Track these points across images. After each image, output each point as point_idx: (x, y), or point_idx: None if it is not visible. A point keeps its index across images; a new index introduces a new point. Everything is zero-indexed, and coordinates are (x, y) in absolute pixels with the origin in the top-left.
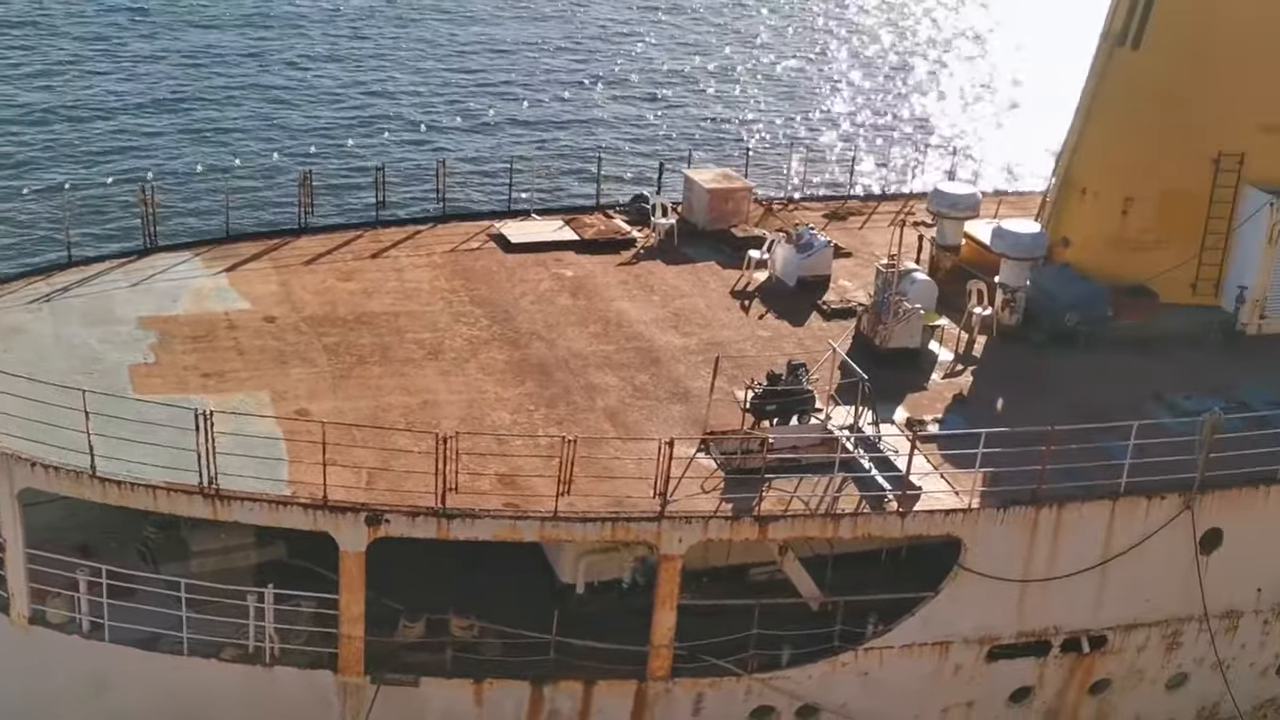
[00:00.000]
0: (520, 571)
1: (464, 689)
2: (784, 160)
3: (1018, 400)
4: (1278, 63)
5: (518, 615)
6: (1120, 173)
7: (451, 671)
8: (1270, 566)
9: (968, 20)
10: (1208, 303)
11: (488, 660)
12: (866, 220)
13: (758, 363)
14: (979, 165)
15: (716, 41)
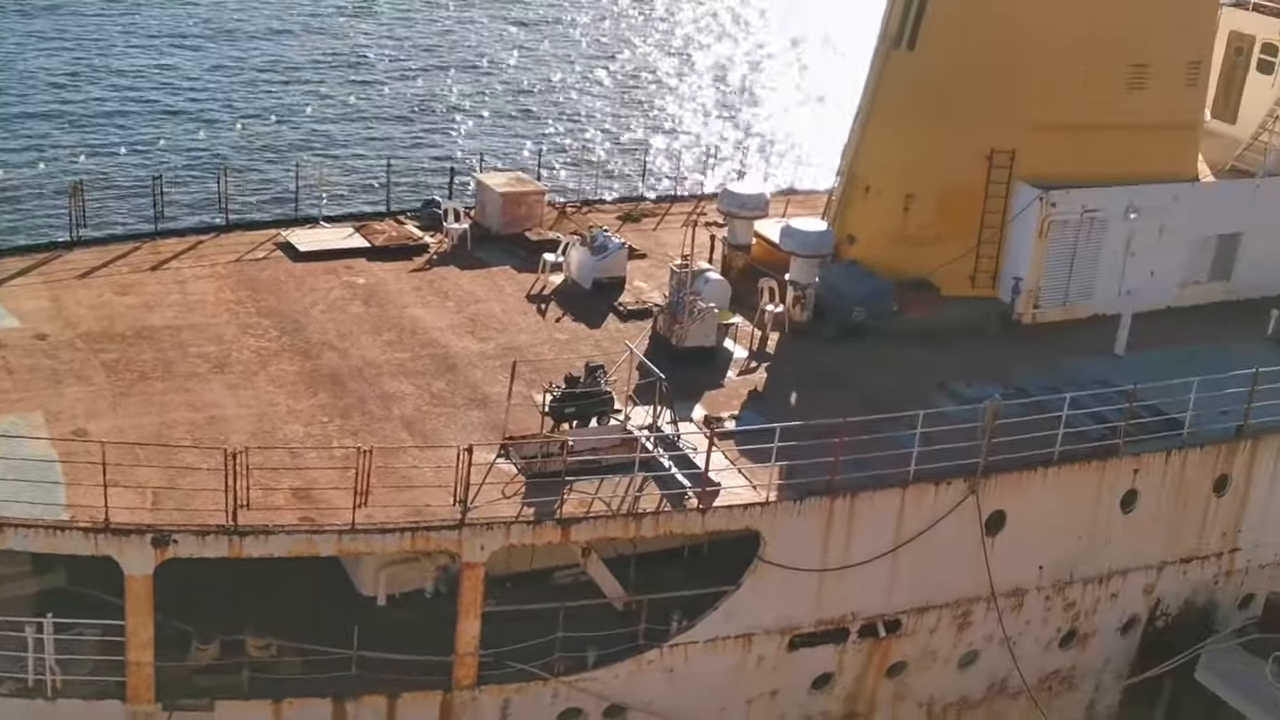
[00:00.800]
0: (320, 586)
1: (262, 710)
2: (577, 163)
3: (811, 394)
4: (1044, 63)
5: (318, 631)
6: (900, 171)
7: (249, 693)
8: (1050, 545)
9: (755, 24)
10: (986, 294)
11: (287, 679)
12: (660, 222)
13: (555, 366)
14: (768, 165)
15: (506, 46)
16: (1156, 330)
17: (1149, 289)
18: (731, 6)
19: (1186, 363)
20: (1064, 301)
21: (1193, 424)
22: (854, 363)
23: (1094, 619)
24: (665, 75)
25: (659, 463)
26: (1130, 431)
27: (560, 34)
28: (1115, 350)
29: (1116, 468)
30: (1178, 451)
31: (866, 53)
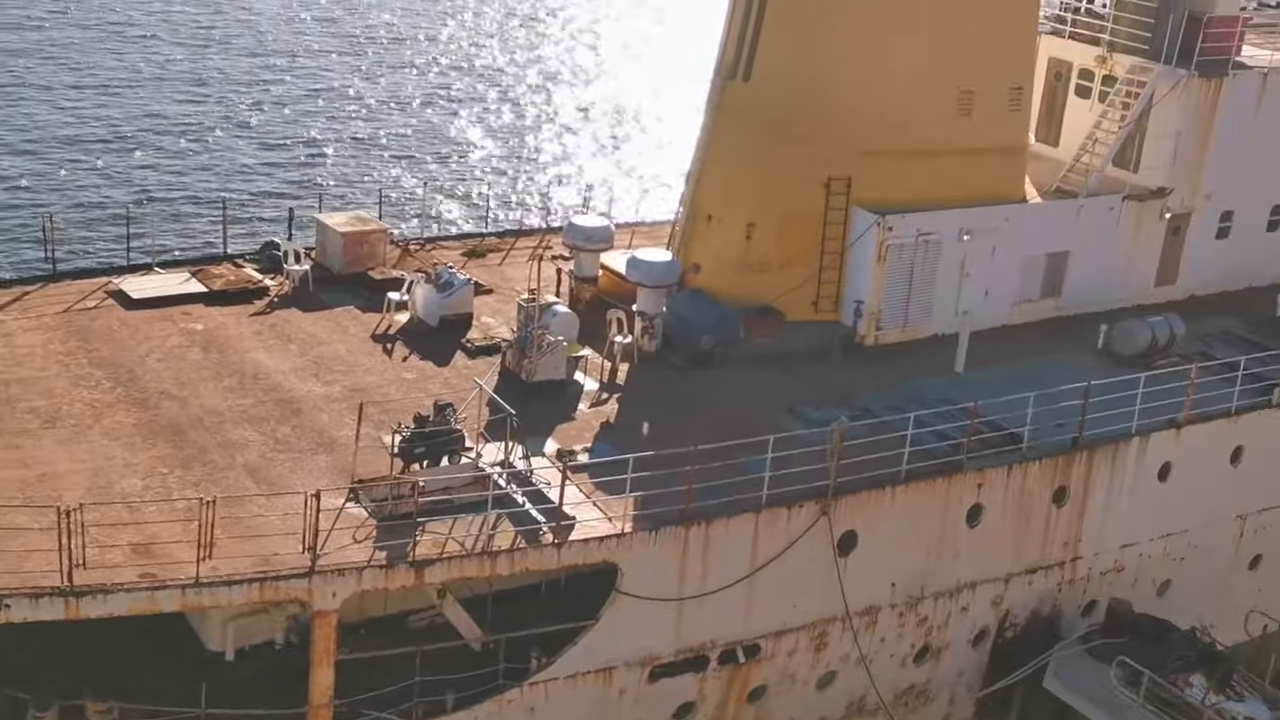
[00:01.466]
0: (164, 644)
1: None
2: (420, 200)
3: (663, 423)
4: (875, 92)
5: (163, 691)
6: (741, 199)
7: None
8: (901, 562)
9: (597, 57)
10: (829, 318)
11: None
12: (505, 257)
13: (404, 406)
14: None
15: (343, 84)
16: (993, 348)
17: (984, 308)
18: (575, 40)
19: (1023, 379)
20: (904, 323)
21: (1031, 438)
22: (704, 390)
23: (946, 633)
24: (507, 110)
25: (512, 499)
26: (973, 447)
27: (398, 70)
28: (955, 369)
29: (961, 483)
30: (1018, 465)
31: (704, 84)
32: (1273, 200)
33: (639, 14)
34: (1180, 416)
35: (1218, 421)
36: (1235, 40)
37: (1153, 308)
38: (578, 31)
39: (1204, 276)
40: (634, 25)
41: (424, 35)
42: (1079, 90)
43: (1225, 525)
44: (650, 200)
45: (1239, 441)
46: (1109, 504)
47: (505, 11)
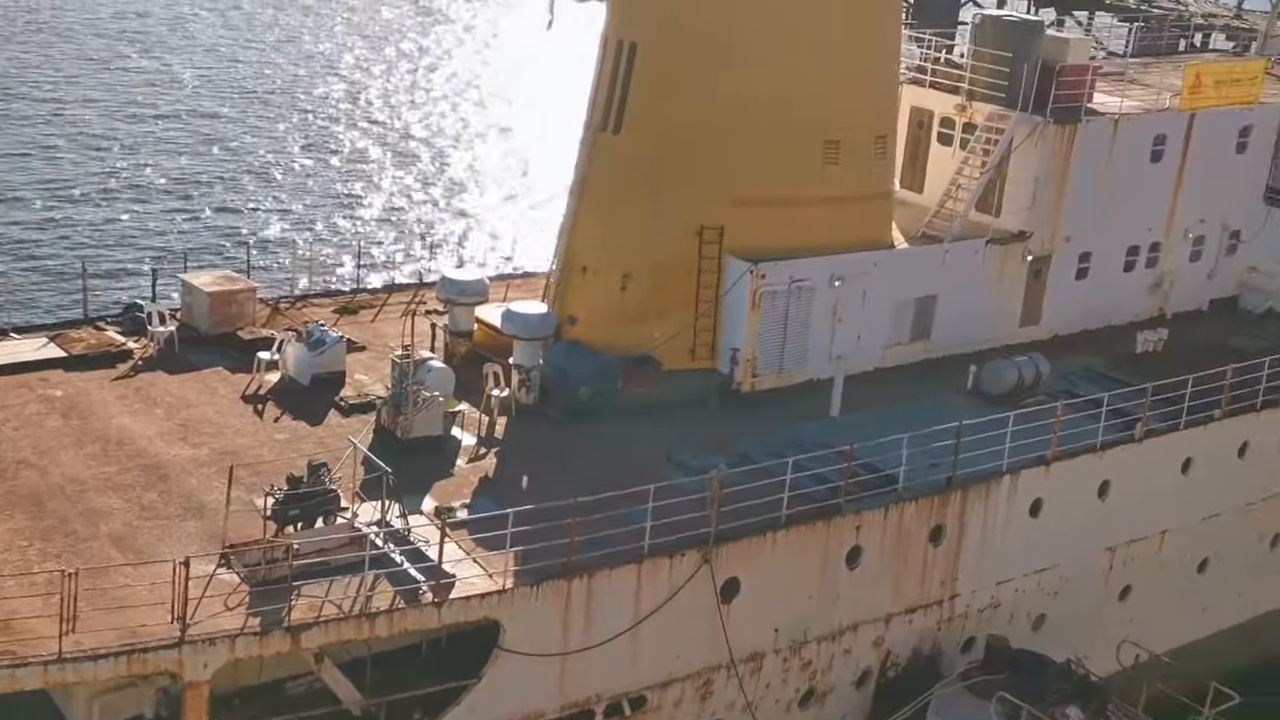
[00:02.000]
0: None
1: None
2: (289, 257)
3: (542, 476)
4: (743, 143)
5: None
6: (615, 250)
7: None
8: (784, 607)
9: (469, 111)
10: (706, 366)
11: None
12: (378, 313)
13: (276, 467)
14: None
15: (208, 140)
16: (867, 391)
17: (857, 352)
18: (447, 94)
19: (897, 420)
20: (779, 368)
21: (907, 478)
22: (583, 442)
23: (830, 676)
24: (380, 164)
25: (390, 559)
26: (850, 490)
27: (267, 125)
28: (831, 413)
29: (840, 526)
30: (895, 506)
31: (575, 136)
32: (1128, 241)
33: (510, 68)
34: (1048, 453)
35: (1084, 457)
36: (1087, 88)
37: (1018, 348)
38: (450, 86)
39: (1066, 316)
40: (506, 79)
41: (293, 88)
42: (941, 138)
43: (1095, 558)
44: (524, 252)
45: (1105, 476)
46: (984, 541)
47: (378, 65)
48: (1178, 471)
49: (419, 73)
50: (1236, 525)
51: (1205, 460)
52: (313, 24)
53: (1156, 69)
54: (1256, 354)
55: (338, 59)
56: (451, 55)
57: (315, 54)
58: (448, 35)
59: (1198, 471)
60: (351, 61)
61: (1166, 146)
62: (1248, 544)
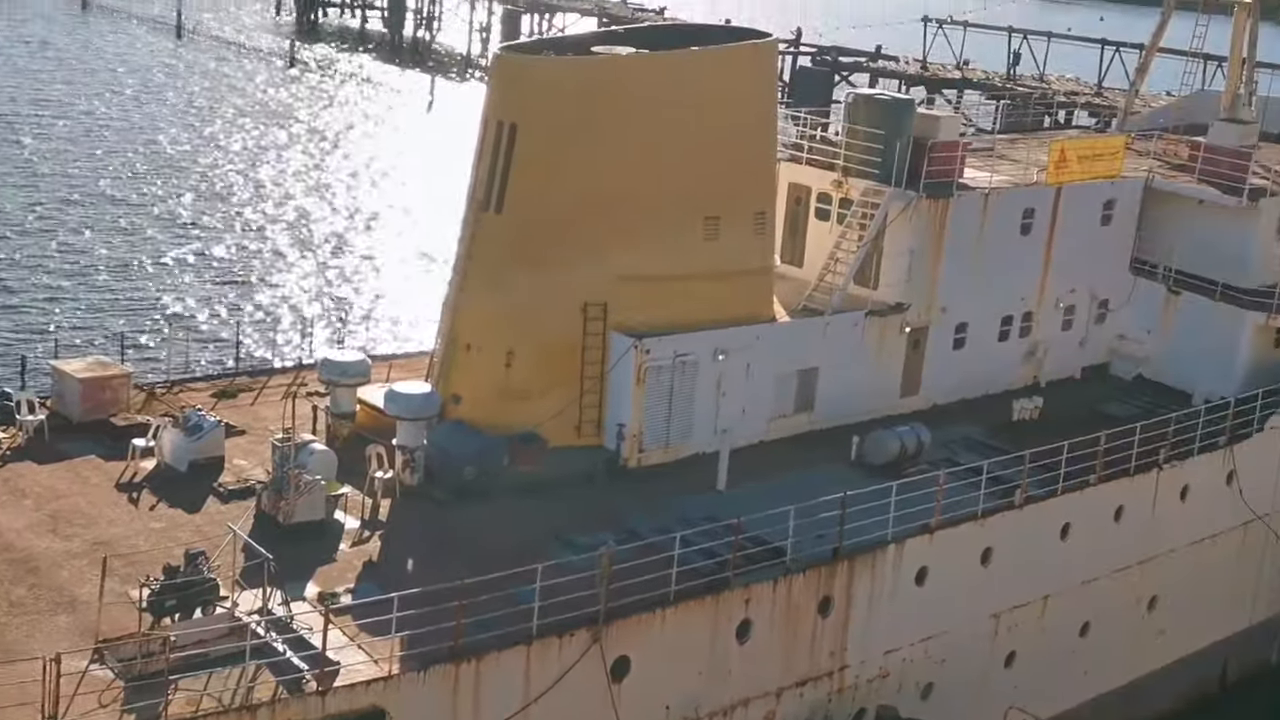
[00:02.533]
0: None
1: None
2: (164, 342)
3: (428, 559)
4: (625, 220)
5: None
6: (499, 328)
7: None
8: (675, 684)
9: (346, 189)
10: (592, 443)
11: None
12: (258, 396)
13: (153, 557)
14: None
15: (78, 222)
16: (753, 463)
17: (742, 425)
18: (324, 172)
19: (783, 492)
20: (666, 443)
21: (794, 550)
22: (470, 522)
23: None
24: (255, 244)
25: (273, 648)
26: (739, 564)
27: (138, 205)
28: (718, 486)
29: (729, 600)
30: (783, 578)
31: (458, 215)
32: (1002, 312)
33: (391, 146)
34: (932, 522)
35: (966, 525)
36: (957, 164)
37: (899, 418)
38: (331, 166)
39: (944, 386)
40: (388, 159)
41: (170, 168)
42: (818, 213)
43: (980, 625)
44: (406, 332)
45: (988, 543)
46: (871, 611)
47: (259, 146)
48: (1057, 537)
49: (300, 154)
50: (1115, 588)
51: (1083, 525)
52: (197, 104)
53: (1023, 145)
54: (1128, 420)
55: (219, 139)
56: (334, 136)
57: (195, 134)
58: (330, 116)
59: (1076, 536)
60: (233, 142)
61: (1035, 219)
62: (1126, 607)
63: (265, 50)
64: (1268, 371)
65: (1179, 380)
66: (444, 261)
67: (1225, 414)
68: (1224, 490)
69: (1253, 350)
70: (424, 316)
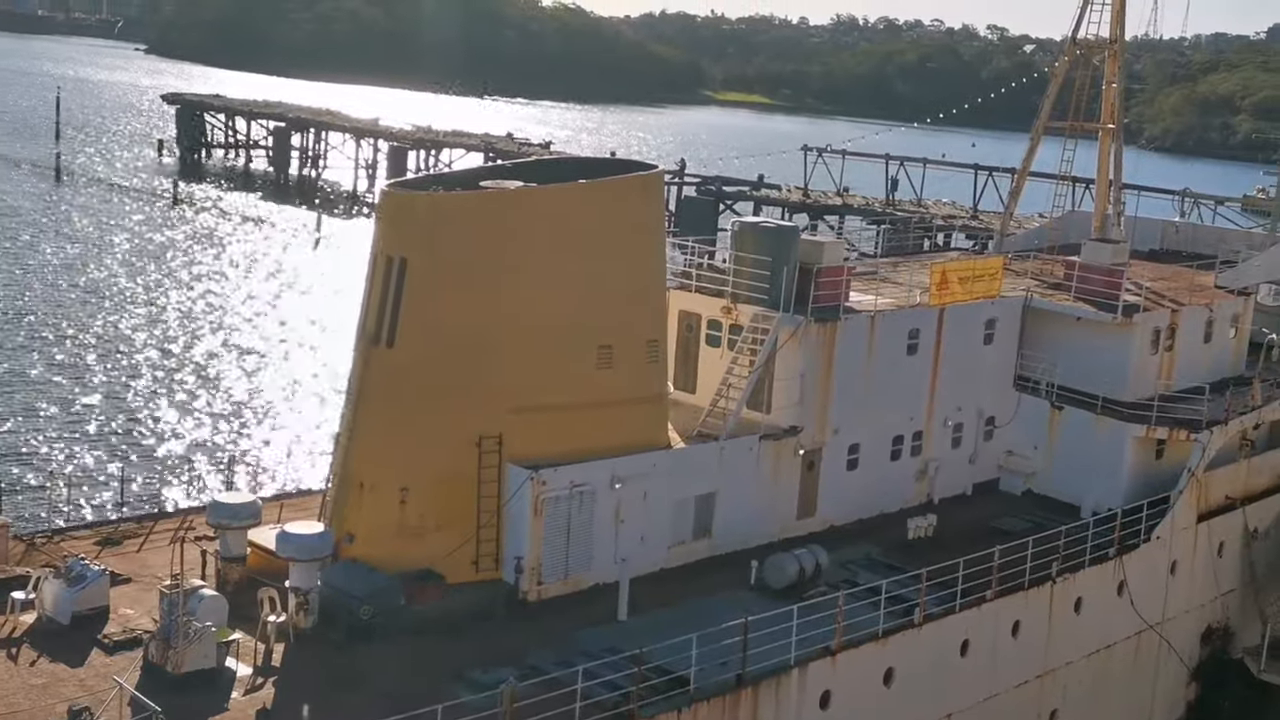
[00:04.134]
0: None
1: None
2: (44, 490)
3: (324, 703)
4: (518, 351)
5: None
6: (393, 464)
7: None
8: None
9: (234, 326)
10: (491, 577)
11: None
12: (144, 542)
13: (34, 715)
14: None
15: None
16: (653, 591)
17: (641, 554)
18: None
19: (685, 619)
20: (565, 574)
21: (698, 679)
22: (368, 663)
23: None
24: (139, 384)
25: None
26: (642, 694)
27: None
28: (619, 616)
29: None
30: (688, 708)
31: (348, 351)
32: (893, 431)
33: (281, 282)
34: (834, 644)
35: (868, 645)
36: (843, 287)
37: (797, 540)
38: (217, 305)
39: (840, 507)
40: (275, 294)
41: (49, 312)
42: (709, 339)
43: None
44: (298, 470)
45: (890, 663)
46: None
47: (141, 287)
48: (958, 654)
49: (185, 293)
50: (1016, 703)
51: (982, 641)
52: (78, 247)
53: (906, 267)
54: (1020, 534)
55: (101, 280)
56: (220, 274)
57: (76, 276)
58: (216, 254)
59: (976, 652)
60: (116, 283)
61: (920, 339)
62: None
63: (148, 190)
64: (1151, 482)
65: (1067, 493)
66: (335, 398)
67: (1113, 525)
68: (1116, 600)
69: (1136, 461)
70: (315, 453)
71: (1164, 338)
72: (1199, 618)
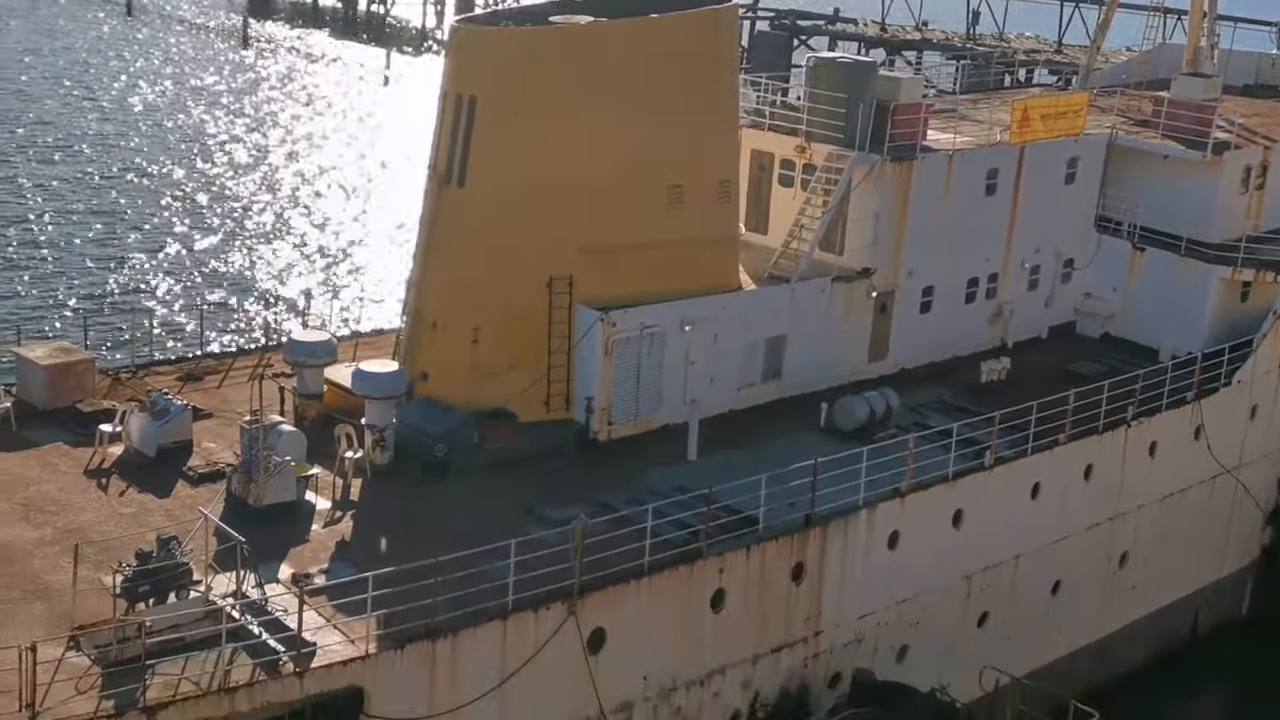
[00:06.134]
0: None
1: None
2: (128, 326)
3: (401, 537)
4: (588, 192)
5: None
6: (465, 304)
7: None
8: (651, 654)
9: (309, 167)
10: (562, 417)
11: None
12: (224, 378)
13: (124, 543)
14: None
15: (34, 205)
16: (723, 433)
17: (711, 395)
18: (286, 150)
19: (753, 461)
20: (635, 415)
21: (766, 518)
22: (442, 500)
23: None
24: (218, 224)
25: (248, 631)
26: (711, 533)
27: (97, 187)
28: (688, 457)
29: (703, 570)
30: (756, 547)
31: (419, 191)
32: (967, 274)
33: (352, 122)
34: (903, 485)
35: (937, 487)
36: (920, 126)
37: (868, 383)
38: (290, 145)
39: (912, 350)
40: (345, 133)
41: (127, 151)
42: (782, 179)
43: (953, 586)
44: (372, 310)
45: (959, 505)
46: (844, 576)
47: (217, 127)
48: (1028, 497)
49: (256, 134)
50: (1086, 546)
51: (1053, 484)
52: (148, 85)
53: (985, 105)
54: (1096, 378)
55: (173, 121)
56: (290, 115)
57: (150, 115)
58: (286, 94)
59: (1046, 496)
60: (188, 124)
61: (999, 179)
62: (1097, 564)
63: (219, 28)
64: (1234, 325)
65: (1146, 337)
66: (407, 238)
67: (1192, 369)
68: (1192, 445)
69: (1219, 304)
70: (389, 293)
71: (1254, 176)
72: (1277, 462)
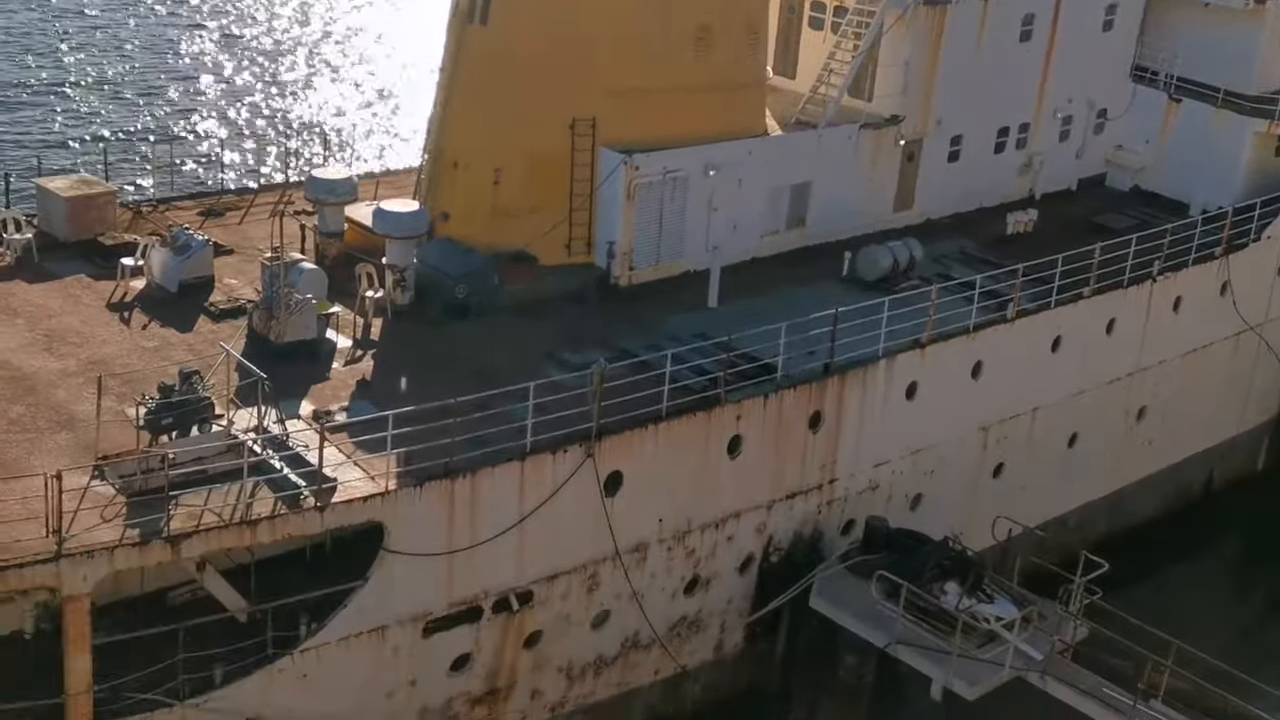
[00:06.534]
0: None
1: None
2: (149, 159)
3: (421, 377)
4: (614, 31)
5: None
6: (486, 145)
7: None
8: (667, 497)
9: (323, 7)
10: (583, 261)
11: None
12: (245, 215)
13: (147, 376)
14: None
15: (57, 36)
16: (744, 280)
17: (733, 242)
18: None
19: (774, 309)
20: (656, 261)
21: (785, 367)
22: (461, 340)
23: (714, 563)
24: (239, 60)
25: (270, 465)
26: (730, 380)
27: (119, 22)
28: (709, 304)
29: (720, 416)
30: (774, 394)
31: (442, 28)
32: (998, 123)
33: None
34: (923, 336)
35: (958, 339)
36: None
37: (892, 233)
38: None
39: (938, 200)
40: None
41: None
42: (812, 23)
43: (969, 437)
44: (393, 149)
45: (979, 356)
46: (861, 425)
47: None
48: (1048, 350)
49: None
50: (1104, 400)
51: (1074, 338)
52: None
53: None
54: (1124, 232)
55: None
56: None
57: None
58: None
59: (1067, 349)
60: None
61: (1035, 26)
62: (1115, 418)
63: None
64: (1268, 180)
65: (1177, 190)
66: (429, 77)
67: (1222, 224)
68: (1218, 301)
69: (1254, 158)
70: (410, 131)
71: None
72: None
